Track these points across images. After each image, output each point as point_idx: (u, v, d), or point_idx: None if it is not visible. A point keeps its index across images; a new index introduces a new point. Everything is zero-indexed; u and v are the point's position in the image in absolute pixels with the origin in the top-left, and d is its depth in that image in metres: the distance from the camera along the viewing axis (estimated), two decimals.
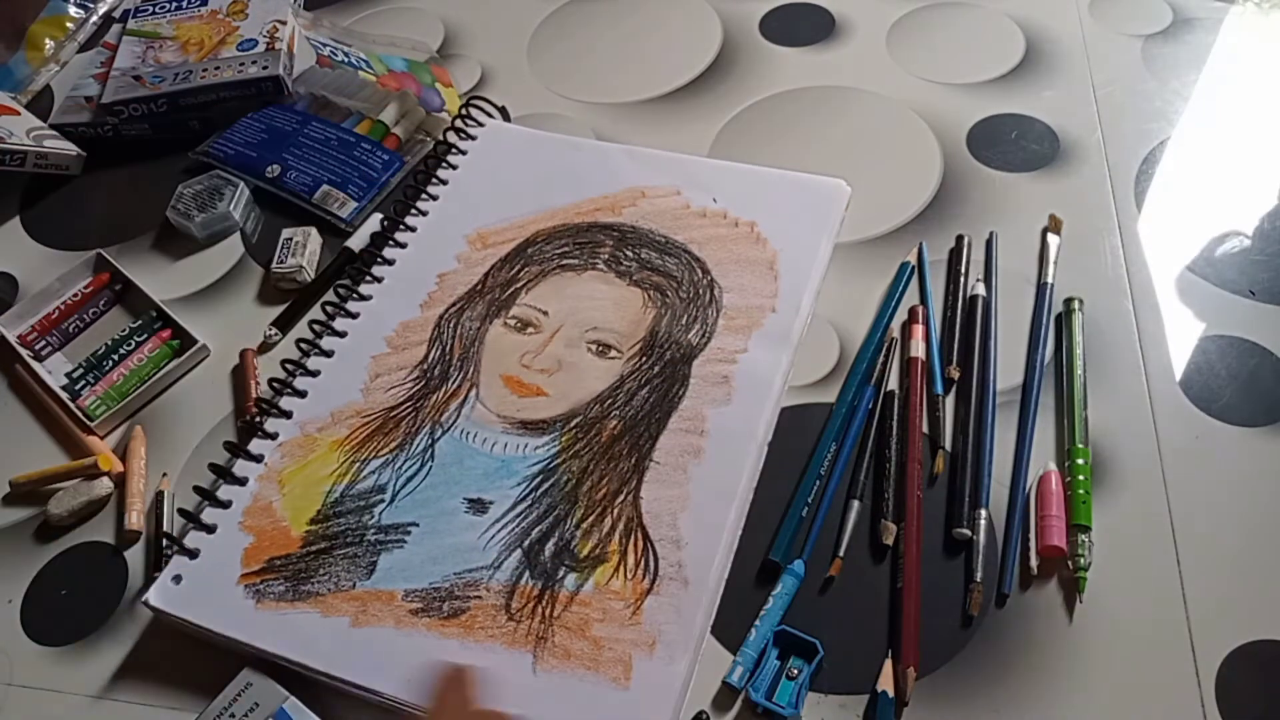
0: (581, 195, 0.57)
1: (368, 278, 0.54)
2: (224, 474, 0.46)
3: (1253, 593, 0.40)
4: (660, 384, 0.48)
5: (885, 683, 0.38)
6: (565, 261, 0.53)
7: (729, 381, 0.47)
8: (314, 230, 0.57)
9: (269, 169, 0.60)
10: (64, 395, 0.50)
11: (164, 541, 0.45)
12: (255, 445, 0.47)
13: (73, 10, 0.77)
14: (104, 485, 0.47)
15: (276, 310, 0.55)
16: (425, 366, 0.50)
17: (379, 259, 0.55)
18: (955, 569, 0.42)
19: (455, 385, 0.49)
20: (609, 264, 0.53)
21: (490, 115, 0.62)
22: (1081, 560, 0.40)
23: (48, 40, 0.74)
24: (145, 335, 0.53)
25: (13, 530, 0.47)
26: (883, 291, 0.52)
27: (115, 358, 0.52)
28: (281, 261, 0.55)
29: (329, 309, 0.53)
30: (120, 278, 0.56)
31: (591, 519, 0.43)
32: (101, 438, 0.50)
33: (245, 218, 0.59)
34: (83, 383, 0.51)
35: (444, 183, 0.59)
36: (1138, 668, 0.38)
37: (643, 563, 0.42)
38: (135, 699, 0.41)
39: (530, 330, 0.50)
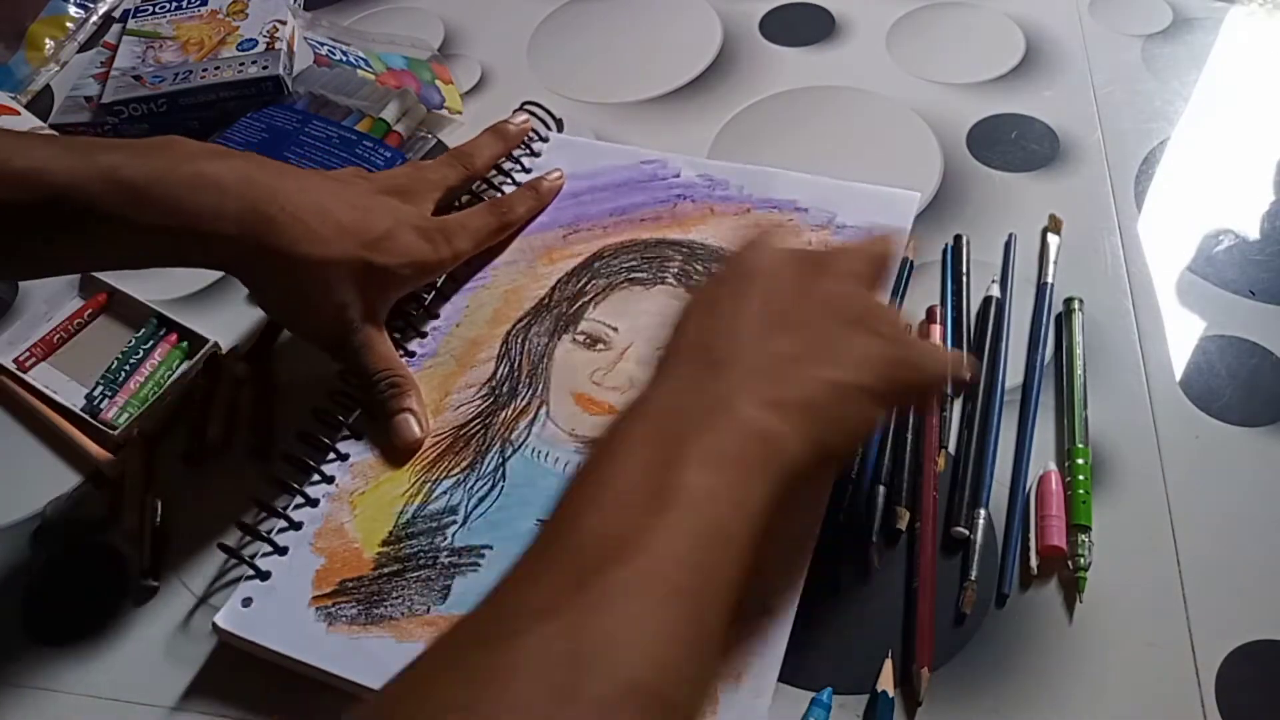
0: (647, 210, 0.56)
1: (436, 294, 0.53)
2: (295, 491, 0.45)
3: (1253, 593, 0.40)
4: None
5: (885, 683, 0.38)
6: (634, 276, 0.53)
7: None
8: None
9: None
10: (84, 415, 0.50)
11: (225, 559, 0.44)
12: (327, 466, 0.46)
13: (73, 10, 0.77)
14: (101, 503, 0.47)
15: None
16: (494, 383, 0.49)
17: (448, 276, 0.54)
18: (953, 568, 0.42)
19: (524, 402, 0.48)
20: (679, 279, 0.52)
21: (548, 125, 0.61)
22: (1081, 560, 0.40)
23: (48, 40, 0.74)
24: (151, 343, 0.53)
25: (12, 530, 0.47)
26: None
27: (128, 368, 0.52)
28: None
29: (401, 325, 0.51)
30: (112, 291, 0.56)
31: None
32: (121, 445, 0.49)
33: None
34: (102, 399, 0.50)
35: None
36: (1138, 668, 0.38)
37: None
38: (136, 699, 0.41)
39: (600, 347, 0.50)
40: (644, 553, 0.28)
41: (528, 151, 0.60)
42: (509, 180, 0.58)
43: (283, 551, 0.43)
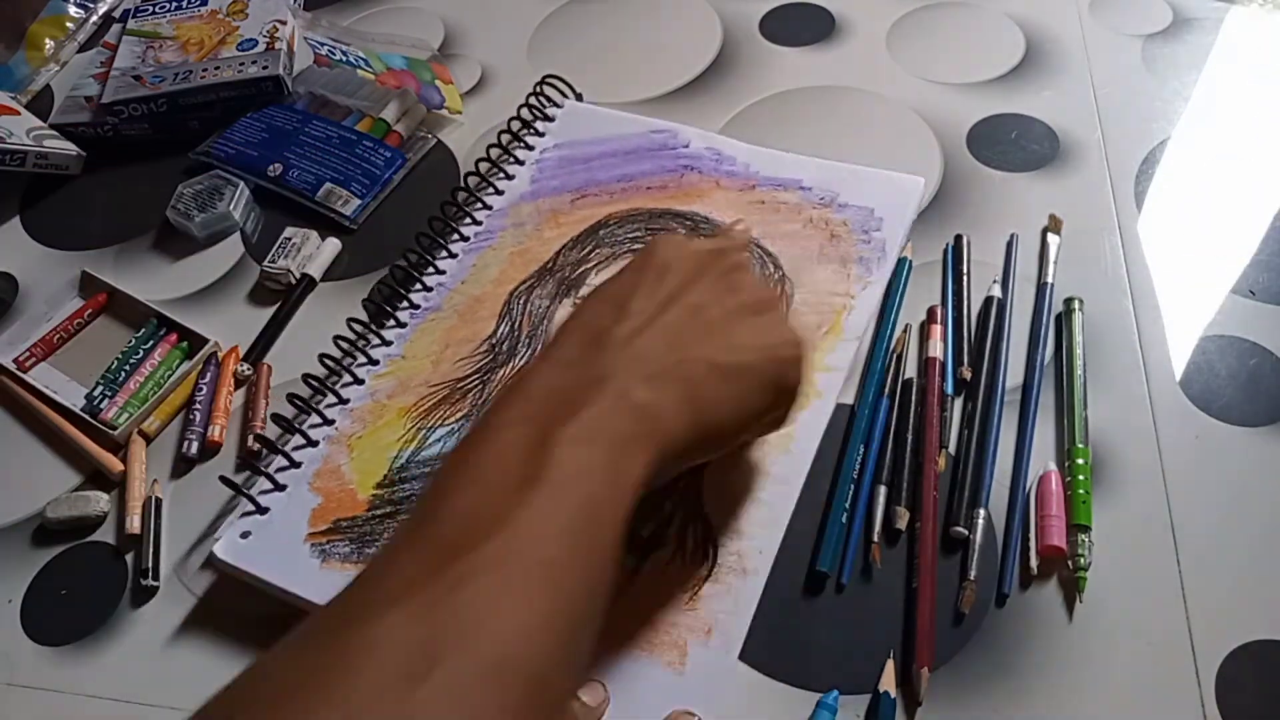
0: (654, 179, 0.57)
1: (443, 253, 0.54)
2: (296, 431, 0.47)
3: (1253, 593, 0.40)
4: None
5: (887, 683, 0.38)
6: (636, 246, 0.54)
7: None
8: (314, 234, 0.57)
9: (271, 168, 0.60)
10: (84, 415, 0.50)
11: (230, 494, 0.45)
12: (328, 410, 0.48)
13: (73, 10, 0.77)
14: (101, 503, 0.47)
15: (270, 311, 0.54)
16: (494, 341, 0.50)
17: (456, 234, 0.55)
18: (953, 568, 0.42)
19: (523, 361, 0.49)
20: None
21: (565, 95, 0.63)
22: (1081, 560, 0.40)
23: (48, 40, 0.74)
24: (151, 343, 0.53)
25: (12, 530, 0.47)
26: (882, 290, 0.52)
27: (128, 368, 0.52)
28: (273, 261, 0.55)
29: (402, 278, 0.53)
30: (112, 292, 0.56)
31: (651, 502, 0.43)
32: (123, 445, 0.49)
33: (245, 217, 0.59)
34: (102, 399, 0.50)
35: (520, 162, 0.59)
36: (1138, 668, 0.38)
37: (702, 550, 0.42)
38: (137, 698, 0.41)
39: None
40: (508, 529, 0.28)
41: (542, 116, 0.61)
42: (520, 144, 0.59)
43: (281, 488, 0.45)
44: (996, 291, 0.50)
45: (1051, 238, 0.52)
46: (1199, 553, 0.41)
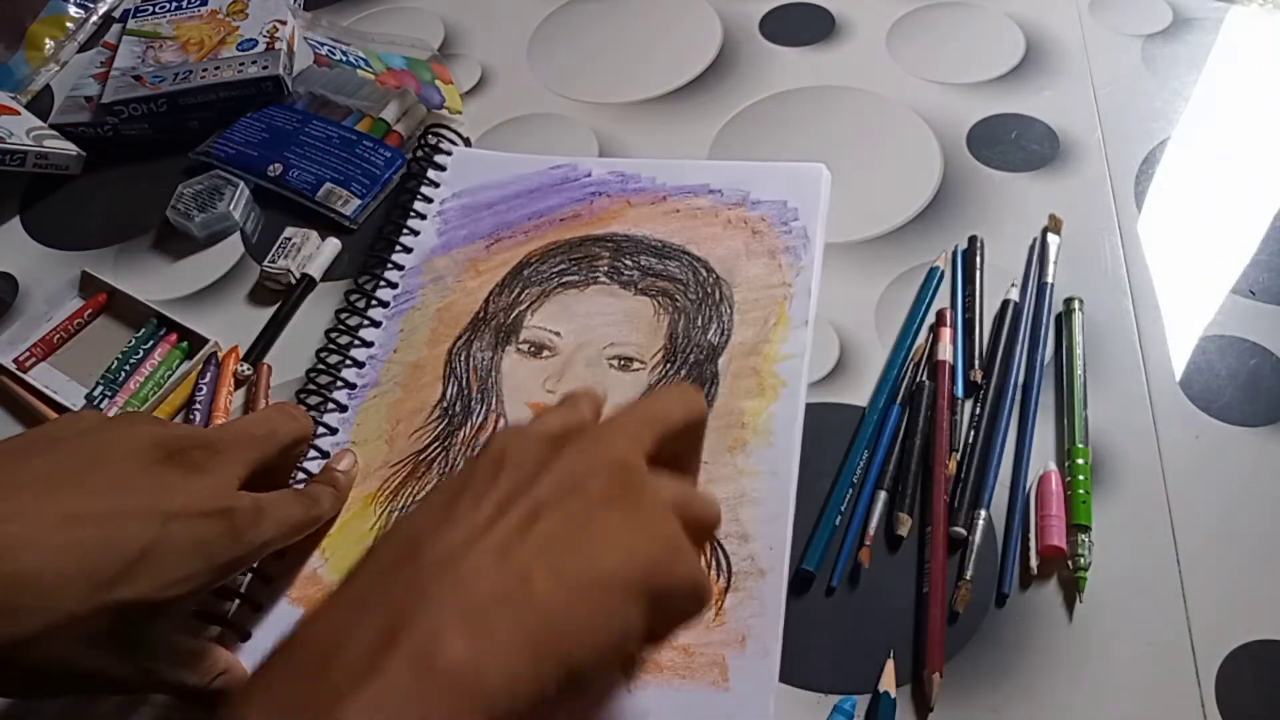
0: (565, 210, 0.56)
1: (365, 323, 0.53)
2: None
3: (1253, 593, 0.40)
4: None
5: (887, 683, 0.38)
6: (565, 279, 0.53)
7: (758, 373, 0.47)
8: (314, 234, 0.57)
9: (271, 168, 0.60)
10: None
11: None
12: None
13: (73, 10, 0.77)
14: None
15: (270, 311, 0.54)
16: (445, 404, 0.49)
17: (374, 301, 0.53)
18: (952, 568, 0.42)
19: (480, 419, 0.48)
20: (610, 275, 0.52)
21: (454, 143, 0.61)
22: (1081, 560, 0.40)
23: (48, 40, 0.74)
24: (151, 343, 0.53)
25: None
26: (883, 291, 0.52)
27: (128, 368, 0.51)
28: (273, 261, 0.55)
29: (332, 361, 0.51)
30: (112, 292, 0.56)
31: None
32: None
33: (245, 217, 0.59)
34: (102, 399, 0.50)
35: (422, 216, 0.57)
36: (1138, 667, 0.38)
37: (713, 562, 0.42)
38: (136, 698, 0.41)
39: (546, 354, 0.50)
40: None
41: (432, 165, 0.60)
42: (418, 198, 0.58)
43: (259, 608, 0.42)
44: (1014, 295, 0.50)
45: (1051, 238, 0.52)
46: (1199, 553, 0.41)
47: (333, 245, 0.57)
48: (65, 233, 0.61)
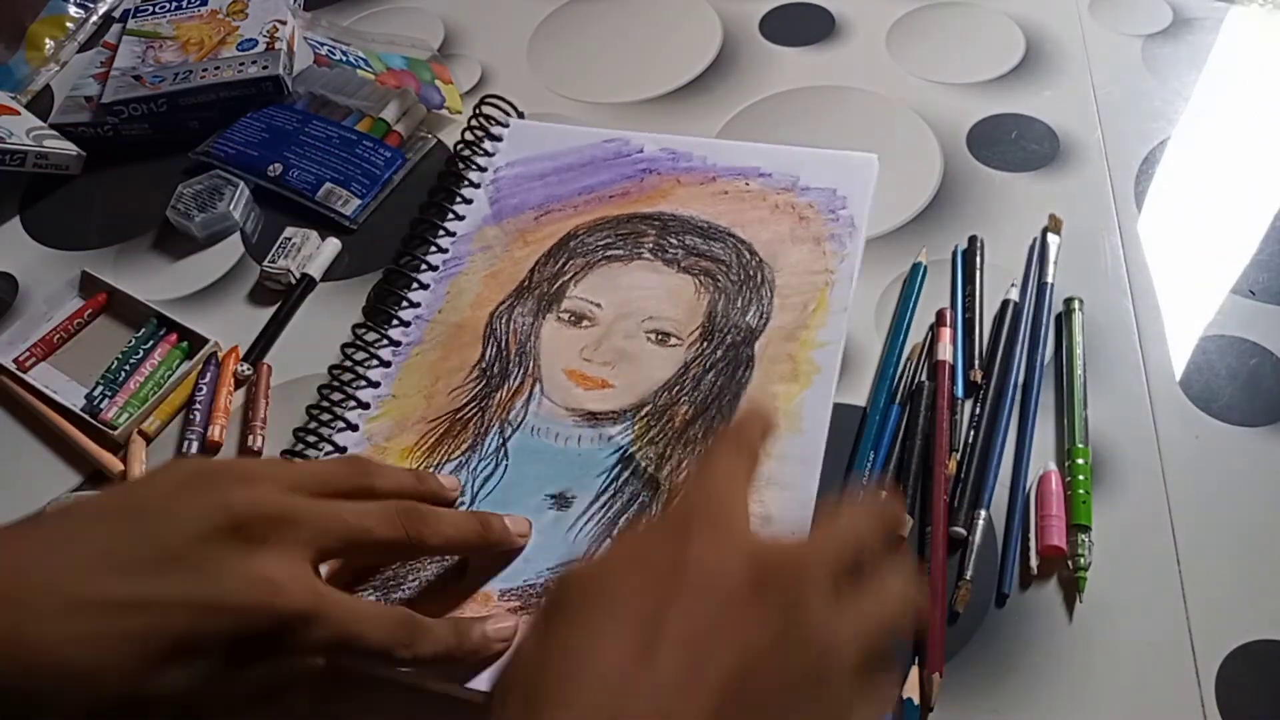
0: (615, 186, 0.57)
1: (415, 284, 0.54)
2: None
3: (1253, 593, 0.40)
4: (725, 367, 0.48)
5: (910, 690, 0.38)
6: (610, 253, 0.54)
7: (793, 358, 0.48)
8: (314, 234, 0.57)
9: (271, 168, 0.60)
10: (84, 415, 0.50)
11: None
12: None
13: (73, 10, 0.77)
14: None
15: (270, 311, 0.54)
16: (484, 365, 0.50)
17: (424, 265, 0.55)
18: (951, 568, 0.42)
19: (517, 382, 0.49)
20: (654, 252, 0.53)
21: (508, 114, 0.63)
22: (1081, 560, 0.40)
23: (48, 40, 0.74)
24: (151, 343, 0.53)
25: None
26: (883, 290, 0.52)
27: (128, 368, 0.51)
28: (273, 261, 0.55)
29: (381, 318, 0.52)
30: (112, 292, 0.56)
31: None
32: (123, 445, 0.49)
33: (245, 217, 0.59)
34: (102, 399, 0.50)
35: (475, 185, 0.59)
36: (1138, 667, 0.38)
37: None
38: None
39: (586, 324, 0.51)
40: None
41: (488, 136, 0.61)
42: (472, 166, 0.59)
43: None
44: (1014, 295, 0.50)
45: (1051, 238, 0.52)
46: (1199, 553, 0.41)
47: (333, 245, 0.57)
48: (65, 233, 0.61)
